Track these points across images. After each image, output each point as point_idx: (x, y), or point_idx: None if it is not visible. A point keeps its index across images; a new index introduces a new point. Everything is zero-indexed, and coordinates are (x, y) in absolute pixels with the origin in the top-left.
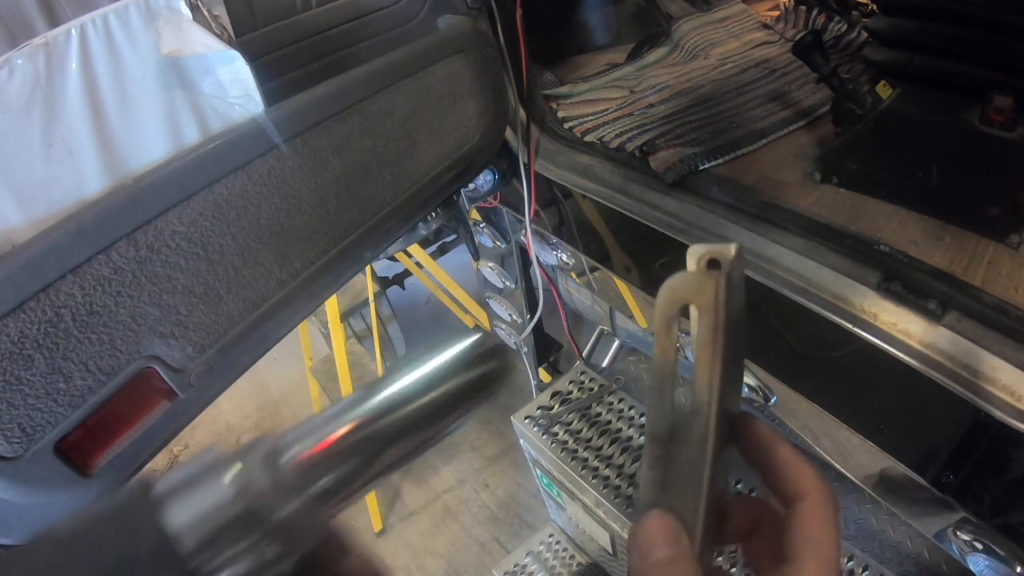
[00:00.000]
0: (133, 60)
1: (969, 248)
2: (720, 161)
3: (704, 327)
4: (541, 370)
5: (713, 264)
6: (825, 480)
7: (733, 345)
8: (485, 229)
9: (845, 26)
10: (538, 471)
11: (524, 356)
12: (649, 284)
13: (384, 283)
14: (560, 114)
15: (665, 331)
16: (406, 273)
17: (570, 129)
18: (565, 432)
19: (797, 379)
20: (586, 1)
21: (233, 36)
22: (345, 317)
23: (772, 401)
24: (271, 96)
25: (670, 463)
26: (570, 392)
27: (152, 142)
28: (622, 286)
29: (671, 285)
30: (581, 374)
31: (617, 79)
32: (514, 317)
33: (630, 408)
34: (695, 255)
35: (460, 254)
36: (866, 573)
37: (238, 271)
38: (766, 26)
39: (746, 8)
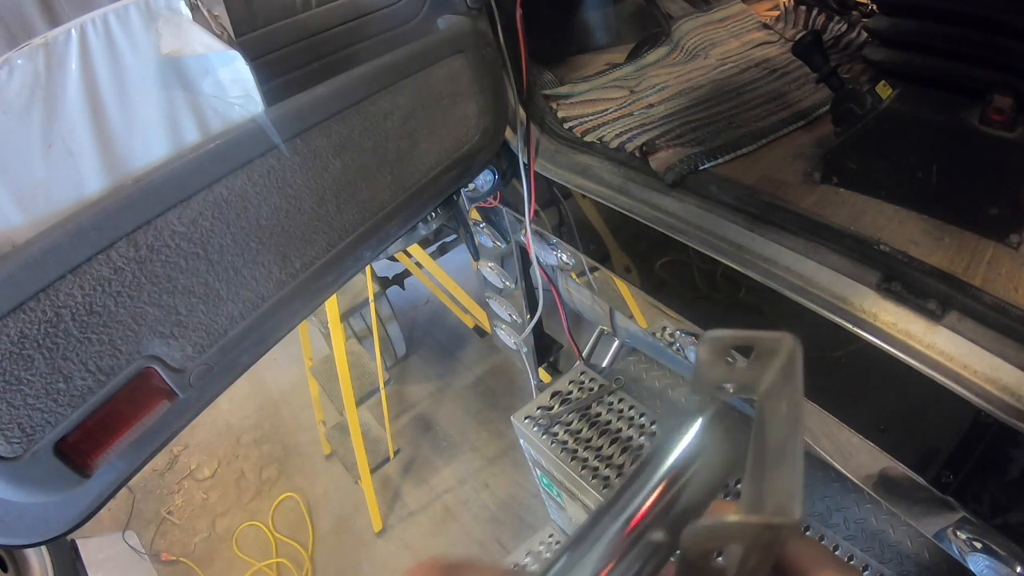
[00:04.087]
0: (133, 60)
1: (969, 248)
2: (720, 161)
3: (748, 561)
4: (541, 370)
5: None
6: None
7: None
8: (485, 229)
9: (845, 26)
10: (538, 471)
11: (524, 356)
12: (649, 284)
13: (384, 283)
14: (560, 114)
15: (692, 572)
16: (406, 273)
17: (570, 129)
18: (565, 432)
19: None
20: (586, 1)
21: (233, 36)
22: (345, 317)
23: None
24: (271, 96)
25: None
26: (570, 392)
27: (152, 142)
28: (622, 286)
29: (708, 533)
30: (581, 374)
31: (617, 79)
32: (514, 317)
33: (630, 408)
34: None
35: (460, 254)
36: (866, 573)
37: (238, 271)
38: (766, 26)
39: (746, 8)
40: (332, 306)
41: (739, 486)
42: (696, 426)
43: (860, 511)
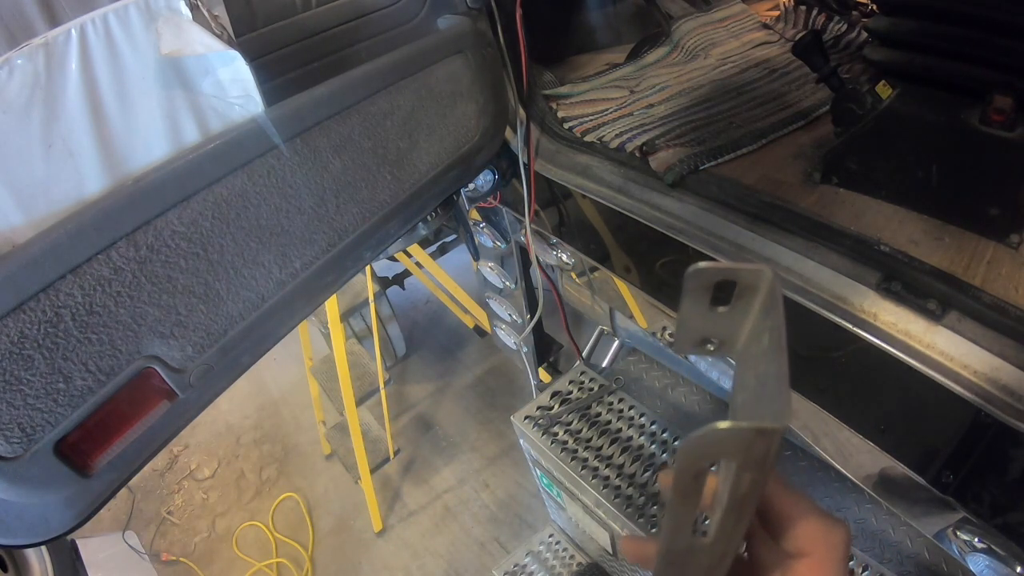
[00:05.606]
0: (133, 60)
1: (969, 248)
2: (720, 161)
3: (741, 484)
4: (541, 370)
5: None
6: (831, 525)
7: None
8: (485, 229)
9: (845, 26)
10: (538, 471)
11: (524, 356)
12: (649, 284)
13: (384, 283)
14: (560, 114)
15: (687, 497)
16: (406, 273)
17: (570, 129)
18: (565, 432)
19: (797, 379)
20: (586, 1)
21: (233, 36)
22: (345, 317)
23: None
24: (271, 96)
25: None
26: (570, 392)
27: (152, 142)
28: (622, 286)
29: (702, 441)
30: (581, 374)
31: (617, 79)
32: (514, 317)
33: (630, 408)
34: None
35: (460, 254)
36: (866, 573)
37: (238, 271)
38: (766, 26)
39: (746, 8)
40: (332, 306)
41: None
42: None
43: (860, 511)
